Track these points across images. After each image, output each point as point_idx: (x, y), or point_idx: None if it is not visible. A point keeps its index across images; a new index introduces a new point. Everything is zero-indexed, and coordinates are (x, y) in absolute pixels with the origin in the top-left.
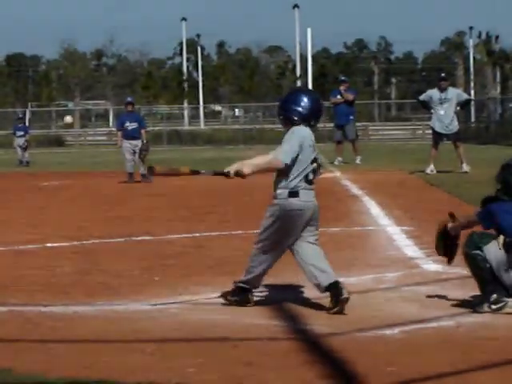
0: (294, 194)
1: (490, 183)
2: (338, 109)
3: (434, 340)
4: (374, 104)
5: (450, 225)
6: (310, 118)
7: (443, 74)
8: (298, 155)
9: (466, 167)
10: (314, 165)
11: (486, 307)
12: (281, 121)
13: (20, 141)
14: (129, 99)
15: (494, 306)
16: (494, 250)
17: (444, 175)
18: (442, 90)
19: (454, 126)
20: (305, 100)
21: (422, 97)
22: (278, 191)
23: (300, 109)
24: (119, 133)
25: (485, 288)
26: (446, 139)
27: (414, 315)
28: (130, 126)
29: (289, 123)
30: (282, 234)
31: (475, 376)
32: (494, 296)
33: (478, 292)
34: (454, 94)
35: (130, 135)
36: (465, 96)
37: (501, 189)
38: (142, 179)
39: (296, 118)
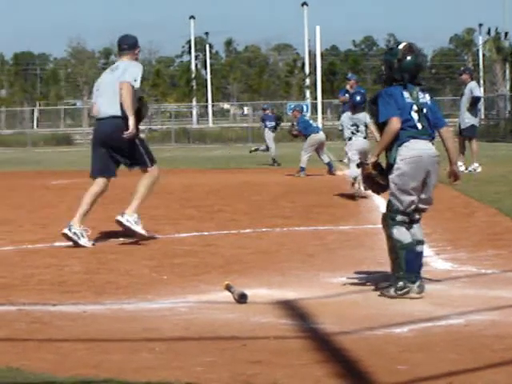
0: None
1: (500, 181)
2: (346, 107)
3: (443, 338)
4: None
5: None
6: None
7: (462, 68)
8: None
9: (475, 165)
10: None
11: (392, 292)
12: None
13: (271, 135)
14: None
15: (399, 292)
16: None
17: None
18: (461, 83)
19: (464, 123)
20: None
21: None
22: None
23: None
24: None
25: (394, 271)
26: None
27: (424, 313)
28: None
29: None
30: None
31: (484, 374)
32: (401, 284)
33: (487, 289)
34: (468, 88)
35: None
36: (474, 93)
37: (386, 77)
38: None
39: None
